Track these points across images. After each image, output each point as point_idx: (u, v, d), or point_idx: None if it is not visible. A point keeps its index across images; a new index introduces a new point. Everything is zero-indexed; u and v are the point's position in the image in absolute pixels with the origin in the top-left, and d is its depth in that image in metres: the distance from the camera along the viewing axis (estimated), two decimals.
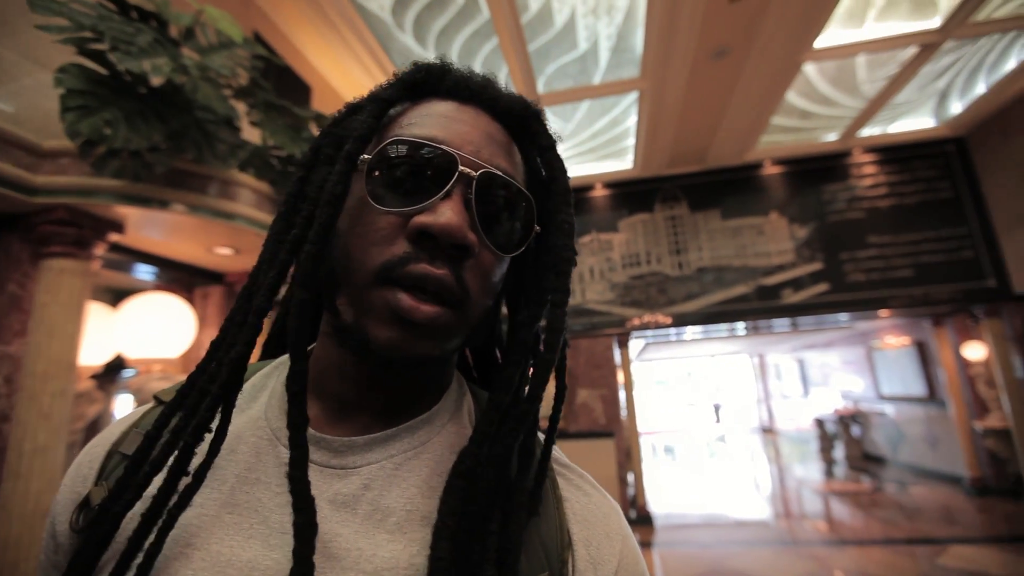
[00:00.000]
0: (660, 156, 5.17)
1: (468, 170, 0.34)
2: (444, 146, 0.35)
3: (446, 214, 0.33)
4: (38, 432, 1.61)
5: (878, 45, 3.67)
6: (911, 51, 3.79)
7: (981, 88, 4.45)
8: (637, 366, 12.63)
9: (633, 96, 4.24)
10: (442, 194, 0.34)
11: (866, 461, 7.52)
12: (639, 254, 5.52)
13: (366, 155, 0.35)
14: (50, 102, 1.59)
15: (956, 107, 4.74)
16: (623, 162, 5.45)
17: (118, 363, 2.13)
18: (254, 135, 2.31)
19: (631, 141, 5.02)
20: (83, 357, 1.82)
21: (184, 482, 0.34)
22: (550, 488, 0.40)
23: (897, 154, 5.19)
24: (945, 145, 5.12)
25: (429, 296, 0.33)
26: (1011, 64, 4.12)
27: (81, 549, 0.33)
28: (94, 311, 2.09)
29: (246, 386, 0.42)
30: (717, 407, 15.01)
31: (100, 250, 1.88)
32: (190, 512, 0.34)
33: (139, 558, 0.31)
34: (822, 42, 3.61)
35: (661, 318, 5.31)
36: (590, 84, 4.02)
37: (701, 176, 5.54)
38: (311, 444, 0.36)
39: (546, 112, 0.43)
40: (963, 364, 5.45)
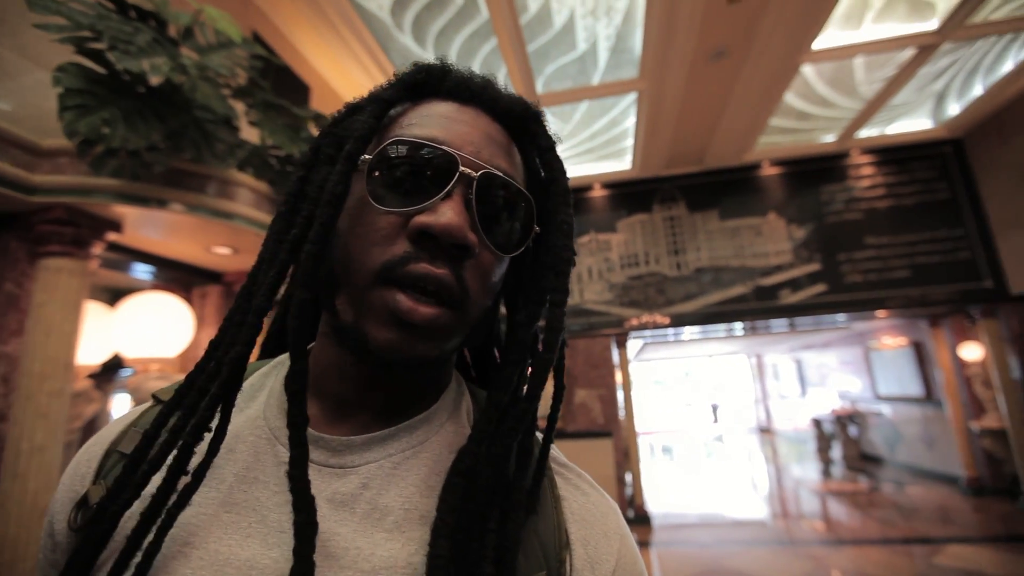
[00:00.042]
0: (658, 157, 5.18)
1: (469, 171, 0.34)
2: (445, 147, 0.35)
3: (447, 214, 0.33)
4: (35, 431, 1.61)
5: (876, 47, 3.68)
6: (909, 53, 3.80)
7: (978, 90, 4.46)
8: (635, 366, 12.63)
9: (632, 97, 4.25)
10: (443, 194, 0.34)
11: (863, 461, 7.54)
12: (637, 254, 5.53)
13: (367, 155, 0.35)
14: (48, 101, 1.58)
15: (953, 108, 4.76)
16: (622, 162, 5.46)
17: (115, 362, 2.12)
18: (253, 135, 2.30)
19: (630, 141, 5.03)
20: (80, 356, 1.82)
21: (183, 481, 0.34)
22: (548, 487, 0.40)
23: (895, 155, 5.21)
24: (942, 146, 5.14)
25: (429, 296, 0.33)
26: (1008, 66, 4.13)
27: (79, 548, 0.33)
28: (92, 310, 2.09)
29: (245, 385, 0.42)
30: (715, 407, 15.02)
31: (98, 249, 1.88)
32: (189, 511, 0.34)
33: (138, 557, 0.31)
34: (820, 43, 3.62)
35: (659, 318, 5.32)
36: (589, 85, 4.03)
37: (699, 177, 5.55)
38: (310, 443, 0.35)
39: (545, 112, 0.43)
40: (960, 364, 5.46)
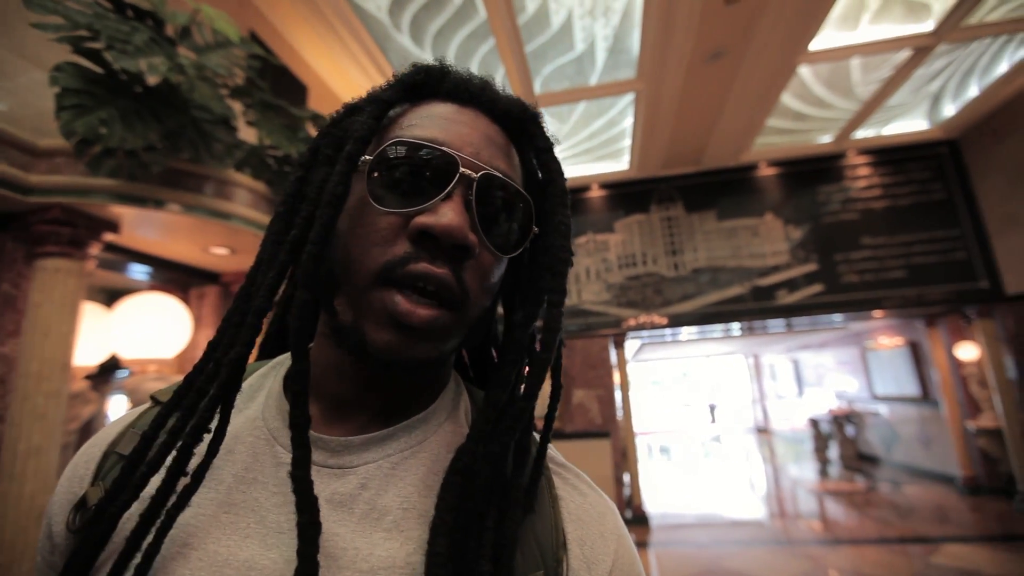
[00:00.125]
0: (656, 157, 5.19)
1: (469, 172, 0.35)
2: (445, 148, 0.35)
3: (447, 215, 0.33)
4: (32, 433, 1.60)
5: (872, 48, 3.69)
6: (905, 54, 3.82)
7: (974, 91, 4.48)
8: (633, 366, 12.63)
9: (629, 97, 4.25)
10: (443, 195, 0.34)
11: (860, 461, 7.56)
12: (635, 255, 5.54)
13: (367, 156, 0.35)
14: (45, 101, 1.58)
15: (949, 109, 4.78)
16: (619, 163, 5.46)
17: (113, 364, 2.12)
18: (250, 135, 2.30)
19: (627, 142, 5.03)
20: (78, 357, 1.81)
21: (182, 482, 0.34)
22: (546, 487, 0.40)
23: (891, 156, 5.23)
24: (938, 147, 5.16)
25: (428, 297, 0.33)
26: (1003, 67, 4.15)
27: (78, 549, 0.32)
28: (89, 311, 2.08)
29: (243, 386, 0.42)
30: (712, 407, 15.04)
31: (95, 250, 1.87)
32: (187, 512, 0.34)
33: (137, 558, 0.31)
34: (817, 44, 3.63)
35: (657, 319, 5.33)
36: (587, 85, 4.03)
37: (697, 177, 5.56)
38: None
39: (543, 113, 0.43)
40: (956, 364, 5.48)
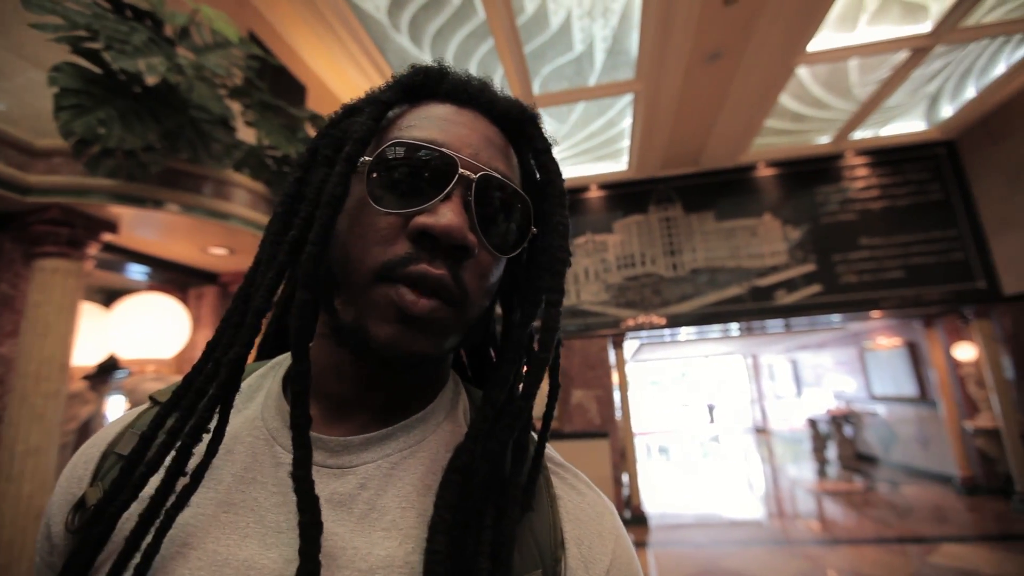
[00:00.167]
0: (655, 158, 5.20)
1: (468, 172, 0.35)
2: (444, 149, 0.35)
3: (447, 215, 0.33)
4: (31, 433, 1.60)
5: (870, 49, 3.70)
6: (902, 55, 3.83)
7: (971, 92, 4.50)
8: (632, 367, 12.64)
9: (628, 98, 4.26)
10: (442, 196, 0.34)
11: (858, 461, 7.58)
12: (634, 255, 5.54)
13: (366, 157, 0.35)
14: (43, 101, 1.58)
15: (947, 110, 4.79)
16: (618, 163, 5.47)
17: (111, 364, 2.11)
18: (249, 135, 2.30)
19: (626, 143, 5.04)
20: (76, 358, 1.81)
21: (181, 482, 0.34)
22: (544, 487, 0.40)
23: (888, 157, 5.24)
24: (936, 148, 5.18)
25: (428, 293, 0.33)
26: (1000, 68, 4.17)
27: (77, 550, 0.33)
28: (87, 311, 2.07)
29: (242, 386, 0.42)
30: (711, 407, 15.06)
31: (93, 250, 1.87)
32: (187, 512, 0.34)
33: (136, 558, 0.32)
34: (815, 45, 3.64)
35: (655, 319, 5.33)
36: (585, 86, 4.04)
37: (695, 178, 5.57)
38: None
39: (542, 113, 0.43)
40: (953, 364, 5.50)
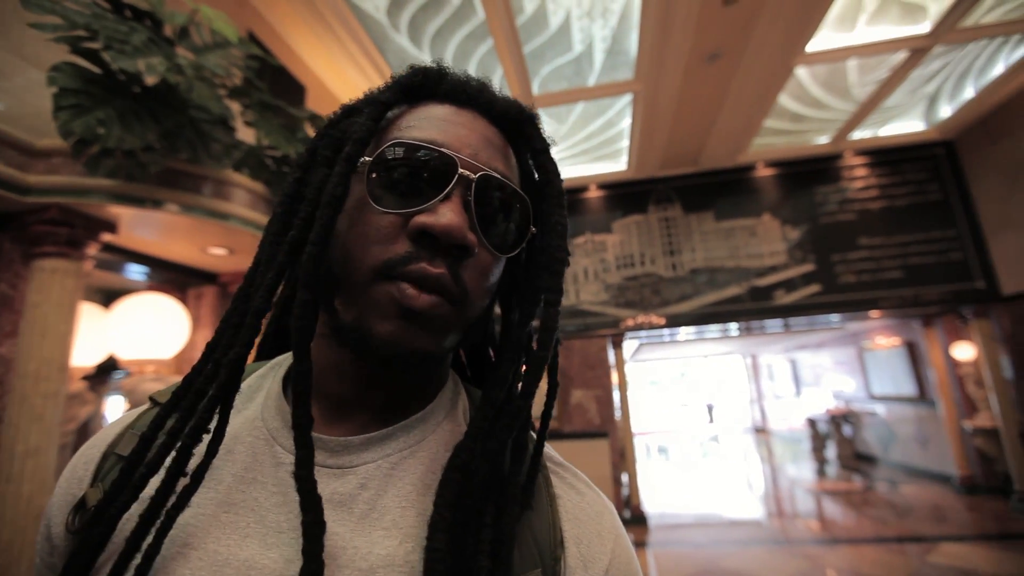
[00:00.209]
0: (654, 158, 5.20)
1: (467, 172, 0.35)
2: (443, 149, 0.35)
3: (447, 215, 0.33)
4: (30, 434, 1.60)
5: (869, 49, 3.71)
6: (901, 55, 3.83)
7: (969, 92, 4.50)
8: (631, 367, 12.65)
9: (627, 98, 4.26)
10: (442, 196, 0.34)
11: (857, 460, 7.59)
12: (633, 255, 5.54)
13: (366, 157, 0.36)
14: (43, 101, 1.58)
15: (945, 111, 4.80)
16: (617, 163, 5.47)
17: (110, 364, 2.11)
18: (248, 135, 2.30)
19: (625, 143, 5.04)
20: (75, 358, 1.81)
21: (182, 483, 0.34)
22: (544, 486, 0.40)
23: (887, 157, 5.25)
24: (934, 148, 5.19)
25: (428, 290, 0.33)
26: (999, 69, 4.17)
27: (77, 550, 0.33)
28: (86, 312, 2.07)
29: (242, 387, 0.42)
30: (710, 407, 15.07)
31: (93, 250, 1.87)
32: (187, 512, 0.34)
33: (137, 559, 0.32)
34: (814, 46, 3.64)
35: (655, 319, 5.33)
36: (585, 86, 4.04)
37: (694, 178, 5.57)
38: None
39: (541, 113, 0.43)
40: (952, 364, 5.50)
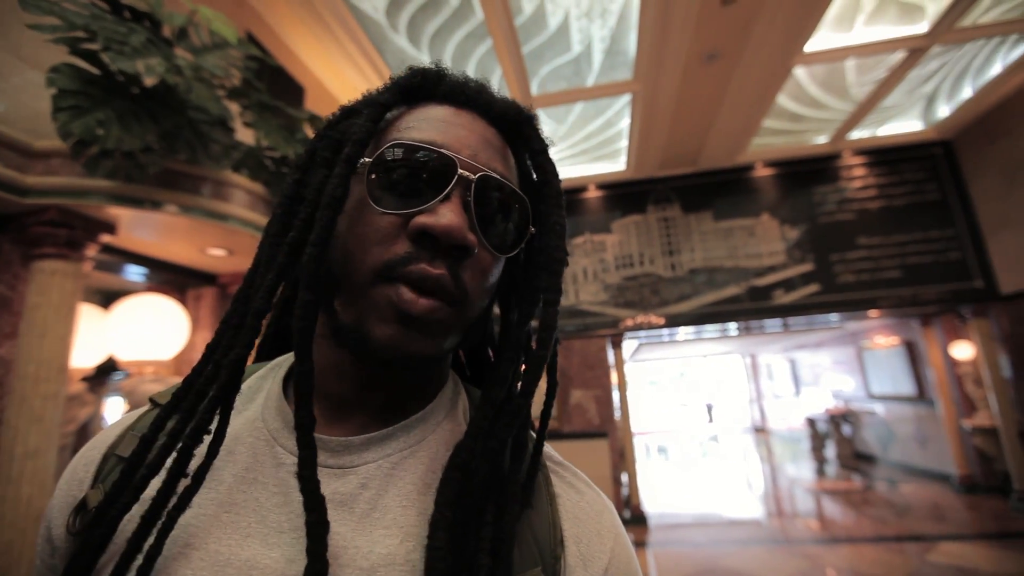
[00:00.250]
0: (653, 158, 5.20)
1: (467, 173, 0.35)
2: (443, 150, 0.35)
3: (447, 215, 0.33)
4: (29, 435, 1.60)
5: (867, 49, 3.72)
6: (899, 55, 3.84)
7: (967, 92, 4.51)
8: (630, 366, 12.65)
9: (626, 98, 4.26)
10: (442, 196, 0.34)
11: (857, 460, 7.59)
12: (632, 255, 5.55)
13: (365, 158, 0.36)
14: (42, 102, 1.58)
15: (943, 111, 4.81)
16: (616, 164, 5.48)
17: (110, 365, 2.10)
18: (248, 136, 2.30)
19: (624, 143, 5.05)
20: (74, 359, 1.81)
21: (183, 483, 0.34)
22: (543, 485, 0.40)
23: (886, 157, 5.26)
24: (932, 148, 5.20)
25: (427, 292, 0.34)
26: (996, 69, 4.18)
27: (78, 552, 0.33)
28: (85, 313, 2.07)
29: (243, 387, 0.42)
30: (710, 407, 15.08)
31: (92, 251, 1.87)
32: (188, 513, 0.34)
33: (138, 560, 0.32)
34: (812, 46, 3.65)
35: (654, 319, 5.34)
36: (583, 86, 4.04)
37: (693, 178, 5.58)
38: None
39: (540, 114, 0.43)
40: (951, 363, 5.51)
